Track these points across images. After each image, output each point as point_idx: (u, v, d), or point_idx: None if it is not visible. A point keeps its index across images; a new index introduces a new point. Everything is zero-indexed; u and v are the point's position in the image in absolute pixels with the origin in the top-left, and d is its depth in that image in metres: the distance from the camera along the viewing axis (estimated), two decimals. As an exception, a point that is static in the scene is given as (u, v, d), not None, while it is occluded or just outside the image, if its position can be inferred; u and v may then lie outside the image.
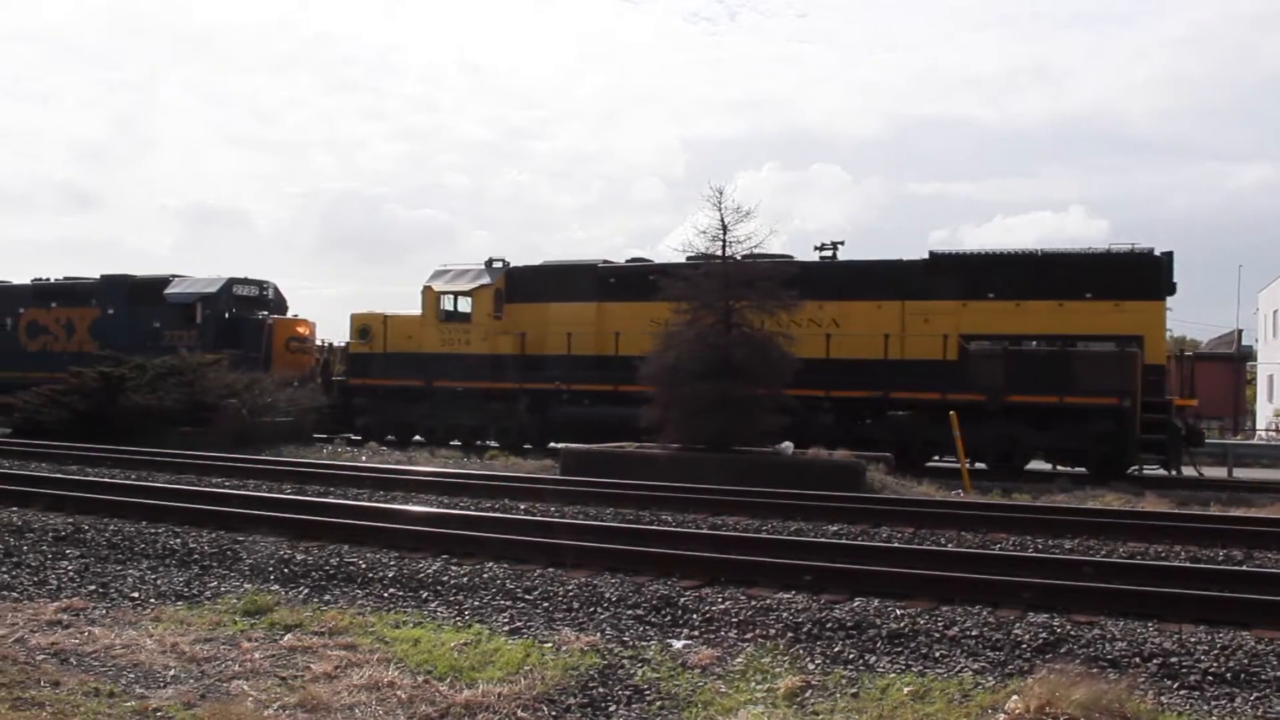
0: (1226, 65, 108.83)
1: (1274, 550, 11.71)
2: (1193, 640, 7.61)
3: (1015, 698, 6.32)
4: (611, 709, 6.54)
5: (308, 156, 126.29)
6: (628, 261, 26.98)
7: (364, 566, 10.10)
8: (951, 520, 13.23)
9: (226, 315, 32.01)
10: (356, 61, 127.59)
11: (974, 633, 7.88)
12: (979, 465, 22.35)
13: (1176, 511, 15.41)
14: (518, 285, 27.24)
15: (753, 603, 8.66)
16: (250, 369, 29.05)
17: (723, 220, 20.08)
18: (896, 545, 11.73)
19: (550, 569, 9.82)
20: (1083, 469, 22.24)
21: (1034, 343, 22.51)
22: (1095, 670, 6.93)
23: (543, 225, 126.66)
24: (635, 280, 25.55)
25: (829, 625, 8.11)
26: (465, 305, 27.40)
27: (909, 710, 6.37)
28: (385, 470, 18.73)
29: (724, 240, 20.18)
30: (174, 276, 33.14)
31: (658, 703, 6.61)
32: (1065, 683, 6.26)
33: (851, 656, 7.57)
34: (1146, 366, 21.67)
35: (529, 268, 27.60)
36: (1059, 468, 22.48)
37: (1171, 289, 22.63)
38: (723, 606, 8.58)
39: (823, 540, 11.88)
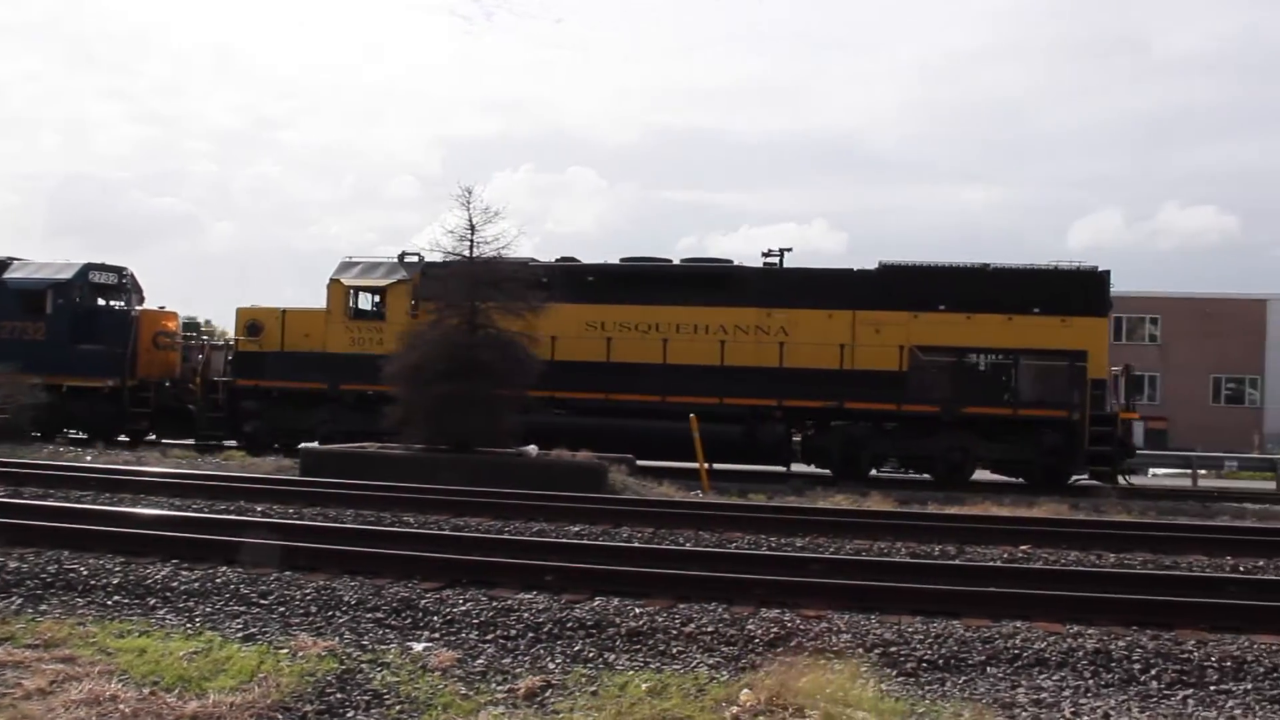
0: (955, 92, 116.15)
1: (983, 545, 12.56)
2: (910, 630, 8.08)
3: (747, 690, 6.58)
4: (349, 715, 6.42)
5: (39, 136, 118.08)
6: (558, 260, 25.42)
7: (86, 573, 9.54)
8: (690, 520, 13.58)
9: (82, 305, 28.14)
10: (106, 38, 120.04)
11: (709, 629, 8.12)
12: (925, 476, 23.10)
13: (898, 510, 16.31)
14: (435, 282, 24.31)
15: (494, 604, 8.66)
16: (114, 367, 26.62)
17: (471, 220, 19.99)
18: (636, 545, 11.96)
19: (287, 572, 9.55)
20: (1020, 479, 23.12)
21: (982, 355, 22.88)
22: (822, 661, 7.27)
23: (293, 219, 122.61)
24: (570, 281, 24.34)
25: (570, 625, 8.20)
26: (378, 302, 25.43)
27: (646, 706, 6.51)
28: (112, 471, 17.75)
29: (472, 240, 20.09)
30: (11, 259, 29.04)
31: (397, 707, 6.53)
32: (794, 674, 6.56)
33: (591, 655, 7.68)
34: (1090, 380, 22.35)
35: (448, 263, 25.75)
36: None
37: (1110, 305, 23.44)
38: (464, 608, 8.55)
39: (564, 541, 12.00)
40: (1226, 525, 15.64)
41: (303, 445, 21.17)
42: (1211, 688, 7.23)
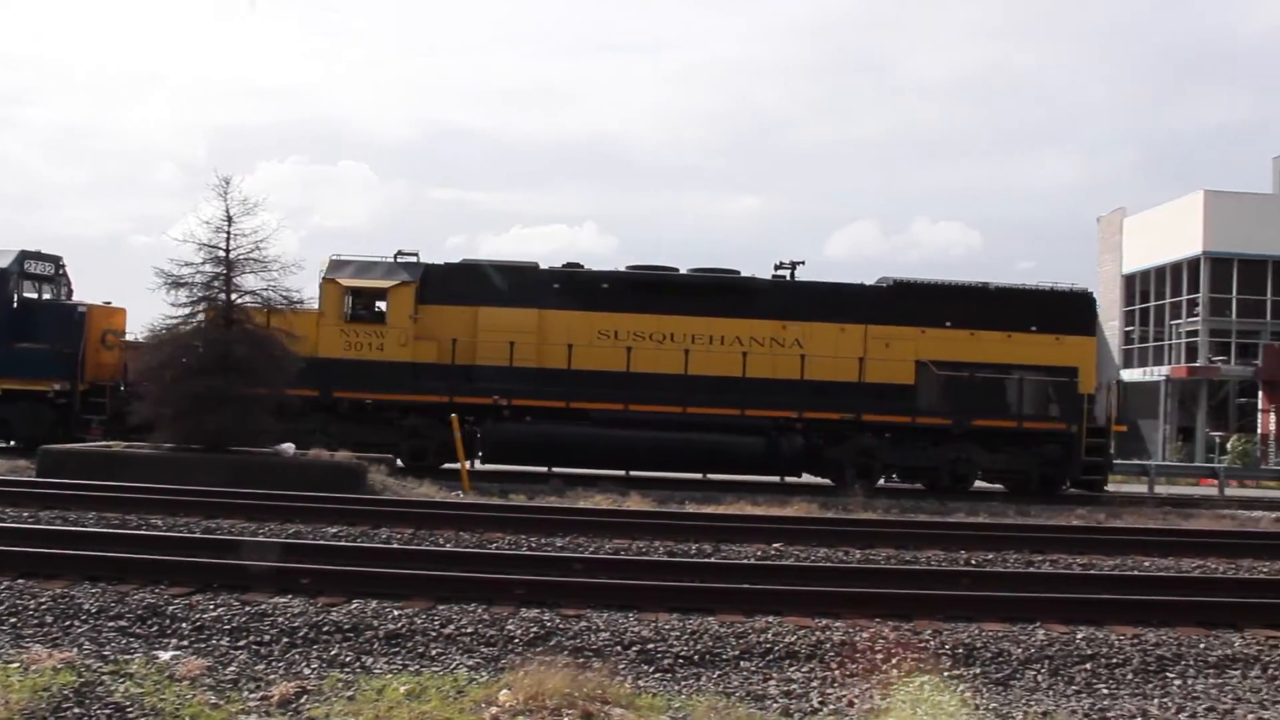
0: (725, 103, 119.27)
1: (738, 543, 12.95)
2: (667, 627, 8.28)
3: (506, 690, 6.60)
4: (88, 729, 6.12)
5: None
6: (565, 266, 24.33)
7: None
8: (450, 521, 13.48)
9: (18, 299, 24.71)
10: None
11: (469, 630, 8.11)
12: (916, 486, 23.43)
13: (656, 510, 16.62)
14: (437, 284, 23.49)
15: (247, 608, 8.40)
16: (63, 369, 23.71)
17: (228, 211, 19.24)
18: (395, 546, 11.81)
19: (20, 580, 8.99)
20: (999, 486, 23.84)
21: (985, 370, 23.38)
22: (581, 660, 7.37)
23: (32, 201, 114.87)
24: (585, 287, 23.59)
25: (326, 628, 8.04)
26: (379, 305, 23.48)
27: (405, 709, 6.44)
28: None
29: (229, 232, 19.33)
30: None
31: (140, 719, 6.26)
32: (552, 673, 6.62)
33: (349, 659, 7.55)
34: (1082, 395, 23.38)
35: (451, 265, 23.98)
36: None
37: (1097, 325, 23.84)
38: (215, 614, 8.26)
39: (321, 542, 11.74)
40: (960, 522, 16.60)
41: (42, 445, 19.69)
42: (946, 673, 7.70)
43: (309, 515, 13.47)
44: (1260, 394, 40.59)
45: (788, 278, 24.30)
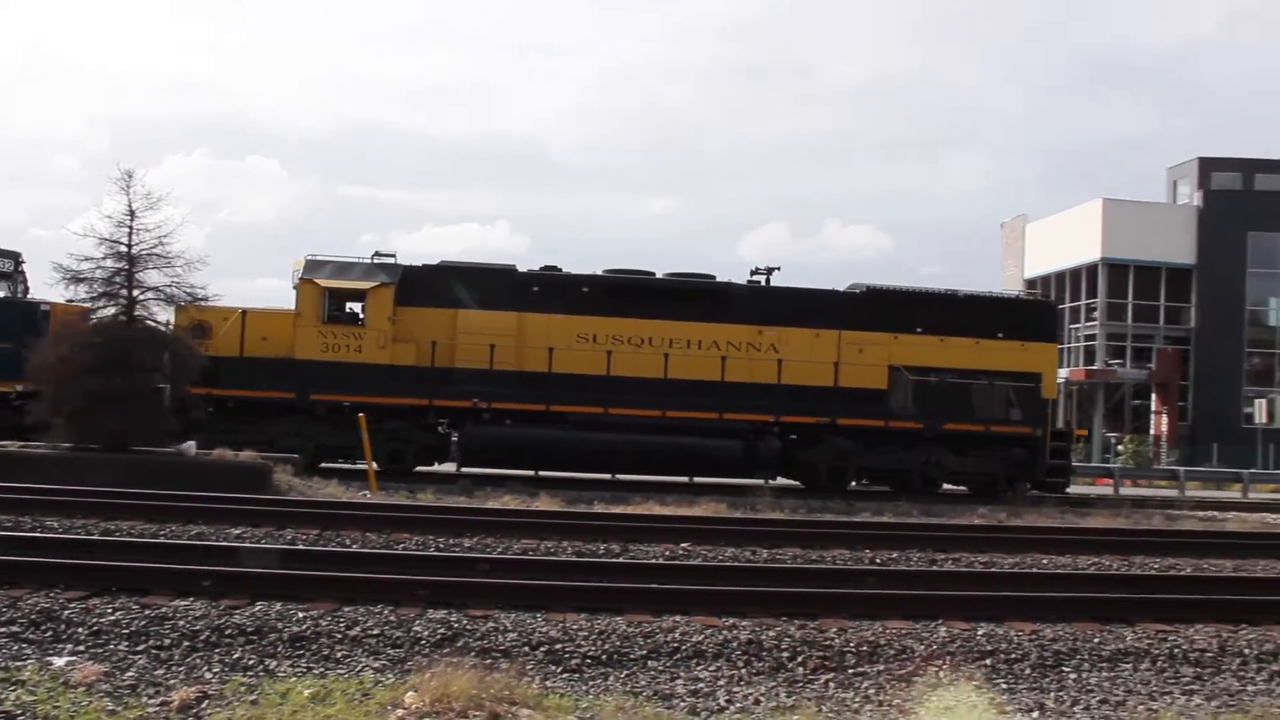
0: (640, 105, 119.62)
1: (646, 543, 13.00)
2: (575, 627, 8.28)
3: (412, 693, 6.56)
4: (-22, 737, 5.96)
5: None
6: (542, 269, 24.19)
7: None
8: (357, 521, 13.34)
9: None
10: None
11: (375, 631, 8.04)
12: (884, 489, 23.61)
13: (564, 510, 16.60)
14: (415, 286, 23.11)
15: (147, 612, 8.23)
16: (14, 367, 21.81)
17: (130, 206, 18.81)
18: (301, 547, 11.66)
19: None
20: (964, 488, 24.30)
21: (954, 375, 23.72)
22: (488, 661, 7.35)
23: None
24: (565, 290, 23.50)
25: (229, 632, 7.91)
26: (356, 306, 23.07)
27: (309, 713, 6.37)
28: None
29: (131, 227, 18.89)
30: None
31: (33, 727, 6.11)
32: (460, 675, 6.59)
33: (252, 663, 7.44)
34: (1044, 400, 24.02)
35: (430, 267, 23.68)
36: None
37: (1060, 333, 24.03)
38: (113, 617, 8.08)
39: (224, 544, 11.54)
40: (865, 522, 16.83)
41: None
42: (850, 670, 7.82)
43: (212, 516, 13.24)
44: (1154, 396, 41.83)
45: (763, 283, 24.53)
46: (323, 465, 22.04)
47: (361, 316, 22.90)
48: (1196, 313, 44.63)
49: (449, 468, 23.58)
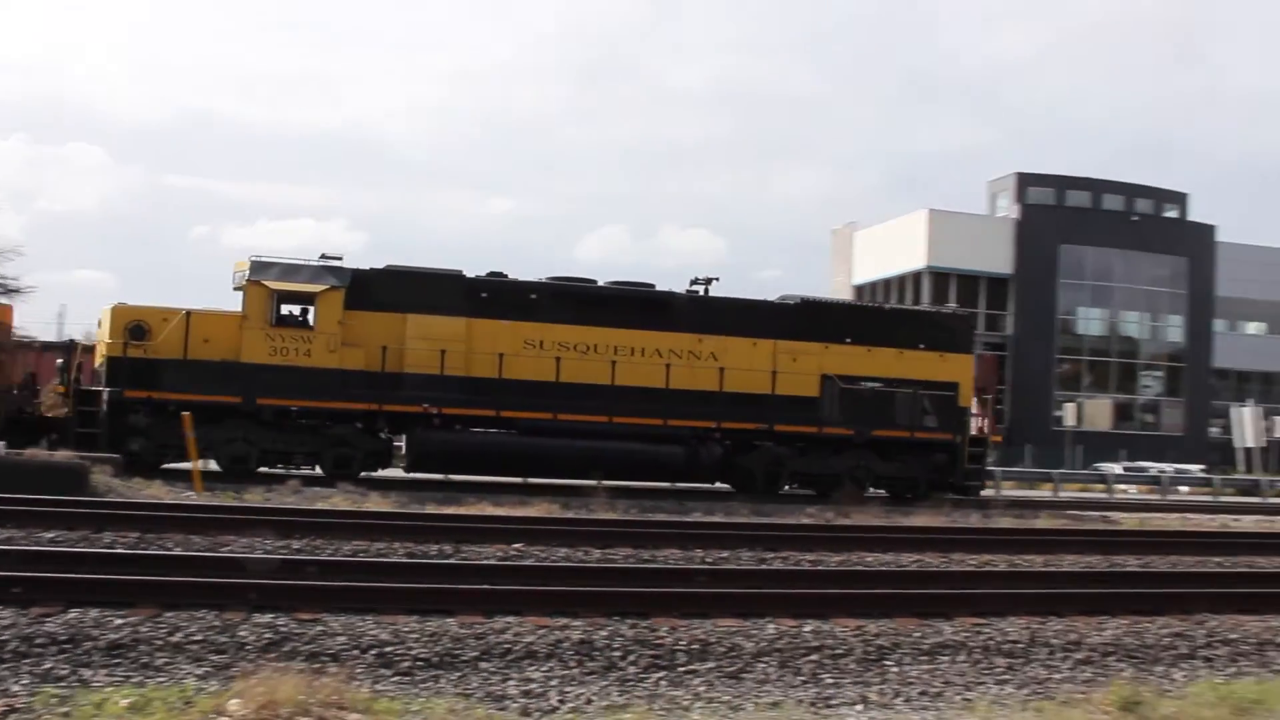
0: (481, 104, 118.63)
1: (478, 543, 12.93)
2: (406, 630, 8.19)
3: (236, 700, 6.38)
4: None
5: None
6: (489, 275, 23.88)
7: None
8: (180, 524, 12.91)
9: None
10: None
11: (198, 637, 7.79)
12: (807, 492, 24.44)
13: (396, 510, 16.41)
14: (364, 290, 22.51)
15: (-51, 621, 7.81)
16: None
17: (-68, 192, 17.83)
18: (119, 551, 11.22)
19: None
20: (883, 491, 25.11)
21: (880, 384, 24.71)
22: (317, 665, 7.20)
23: None
24: (511, 296, 23.55)
25: (39, 641, 7.56)
26: (305, 309, 22.35)
27: (126, 723, 6.15)
28: None
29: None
30: None
31: None
32: (286, 680, 6.44)
33: (65, 673, 7.13)
34: (961, 408, 25.17)
35: (379, 271, 23.19)
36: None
37: (974, 345, 26.07)
38: (-88, 627, 7.64)
39: (35, 548, 11.02)
40: (697, 521, 17.06)
41: None
42: (681, 669, 7.92)
43: (22, 519, 12.62)
44: (974, 400, 43.41)
45: (701, 293, 25.06)
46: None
47: (310, 320, 22.38)
48: (1013, 320, 46.59)
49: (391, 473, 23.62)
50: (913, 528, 17.72)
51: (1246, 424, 40.43)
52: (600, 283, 24.73)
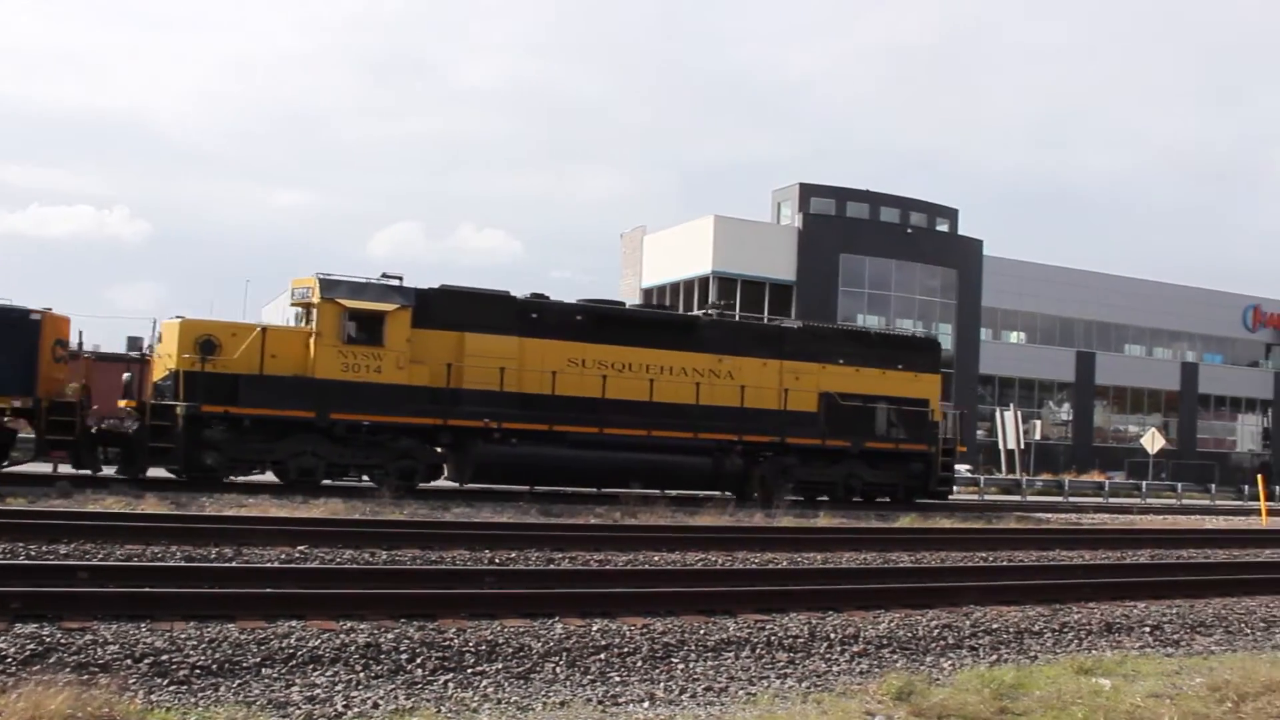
0: (273, 93, 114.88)
1: (261, 546, 12.56)
2: (183, 637, 7.89)
3: (-4, 715, 6.03)
4: None
5: None
6: (533, 297, 25.28)
7: None
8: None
9: None
10: None
11: (-47, 649, 7.33)
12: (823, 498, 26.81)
13: (174, 513, 15.78)
14: (426, 309, 23.21)
15: None
16: (22, 383, 20.29)
17: None
18: None
19: None
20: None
21: (868, 400, 27.30)
22: (86, 676, 6.87)
23: None
24: (557, 317, 24.92)
25: None
26: (375, 327, 22.66)
27: None
28: None
29: None
30: None
31: None
32: (52, 693, 6.12)
33: None
34: (933, 422, 28.08)
35: (437, 290, 23.95)
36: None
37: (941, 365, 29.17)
38: None
39: None
40: (486, 522, 17.00)
41: None
42: (469, 670, 7.88)
43: None
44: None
45: (716, 317, 27.93)
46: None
47: (381, 337, 22.85)
48: (796, 325, 48.00)
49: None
50: (698, 527, 18.08)
51: (1008, 427, 42.83)
52: (627, 305, 27.83)
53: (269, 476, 22.48)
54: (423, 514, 18.10)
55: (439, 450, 23.83)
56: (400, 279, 23.63)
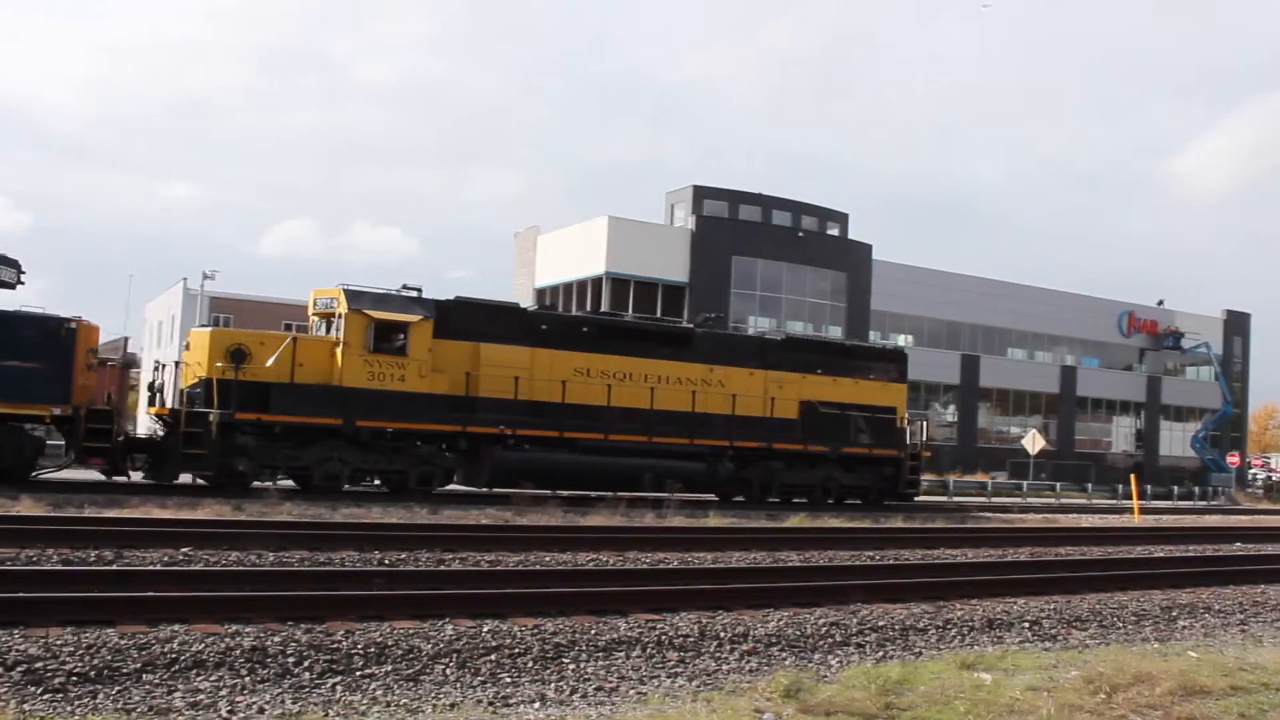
0: (159, 82, 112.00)
1: (143, 548, 12.26)
2: (60, 643, 7.66)
3: None
4: None
5: None
6: (541, 309, 27.58)
7: None
8: None
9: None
10: None
11: None
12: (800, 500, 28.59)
13: (50, 515, 15.32)
14: (444, 319, 24.36)
15: None
16: (57, 391, 20.66)
17: None
18: None
19: None
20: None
21: (843, 408, 28.99)
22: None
23: None
24: (565, 328, 26.36)
25: None
26: (400, 337, 23.68)
27: None
28: None
29: None
30: None
31: None
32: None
33: None
34: (900, 429, 30.11)
35: (453, 302, 25.09)
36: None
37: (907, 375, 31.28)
38: None
39: None
40: (375, 522, 16.81)
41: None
42: (358, 673, 7.78)
43: None
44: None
45: (705, 328, 29.03)
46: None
47: (405, 347, 23.78)
48: (688, 326, 48.28)
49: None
50: (590, 528, 18.10)
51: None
52: (624, 316, 29.42)
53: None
54: (311, 514, 17.83)
55: (455, 455, 24.84)
56: (419, 290, 24.54)
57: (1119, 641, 11.04)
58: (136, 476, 22.36)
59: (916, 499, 31.71)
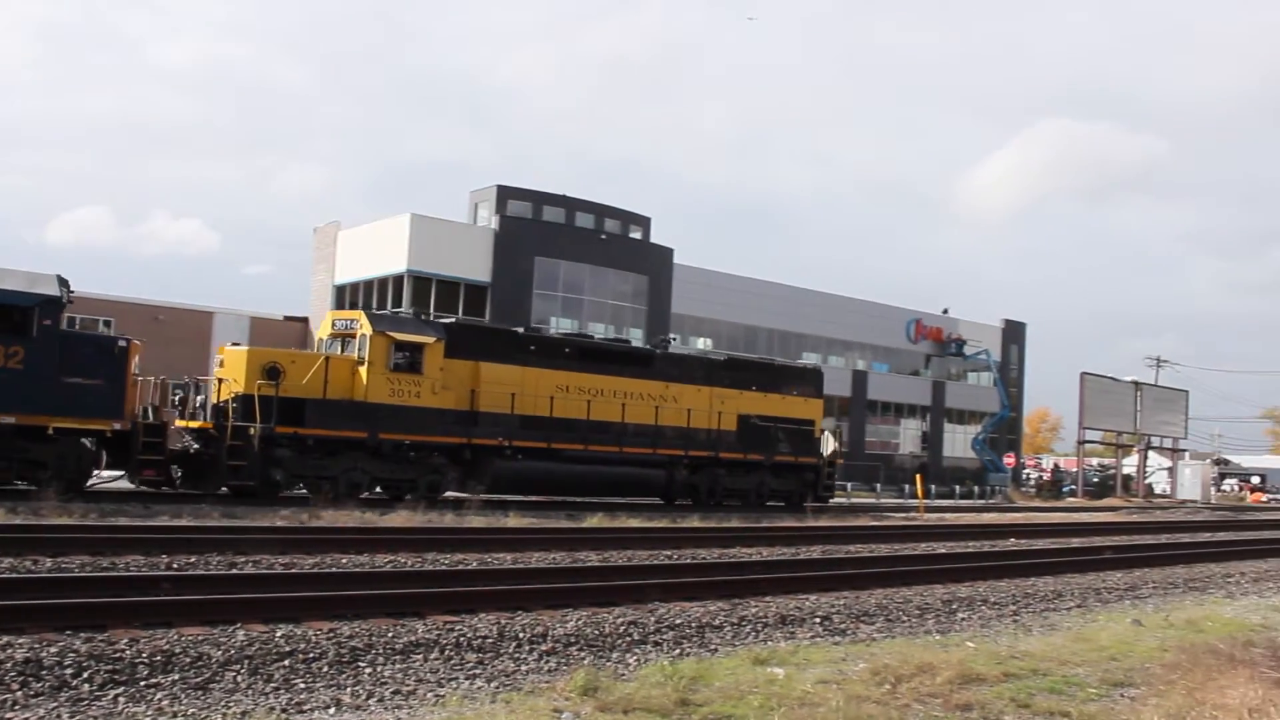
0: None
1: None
2: None
3: None
4: None
5: None
6: (530, 330, 30.60)
7: None
8: None
9: (67, 329, 22.69)
10: None
11: None
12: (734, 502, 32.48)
13: None
14: (451, 340, 26.64)
15: None
16: (113, 406, 21.34)
17: None
18: None
19: None
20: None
21: (770, 420, 33.03)
22: None
23: None
24: (550, 348, 29.06)
25: None
26: (417, 357, 25.88)
27: None
28: None
29: None
30: None
31: None
32: None
33: None
34: (817, 439, 34.58)
35: (460, 325, 28.72)
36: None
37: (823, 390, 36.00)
38: None
39: None
40: (163, 525, 16.21)
41: None
42: (142, 683, 7.49)
43: None
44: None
45: (661, 349, 32.71)
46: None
47: (420, 365, 25.79)
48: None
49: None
50: (387, 529, 17.86)
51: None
52: (595, 338, 32.67)
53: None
54: (92, 518, 17.04)
55: (459, 466, 26.58)
56: (427, 316, 27.45)
57: (903, 634, 11.53)
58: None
59: (831, 501, 35.94)
